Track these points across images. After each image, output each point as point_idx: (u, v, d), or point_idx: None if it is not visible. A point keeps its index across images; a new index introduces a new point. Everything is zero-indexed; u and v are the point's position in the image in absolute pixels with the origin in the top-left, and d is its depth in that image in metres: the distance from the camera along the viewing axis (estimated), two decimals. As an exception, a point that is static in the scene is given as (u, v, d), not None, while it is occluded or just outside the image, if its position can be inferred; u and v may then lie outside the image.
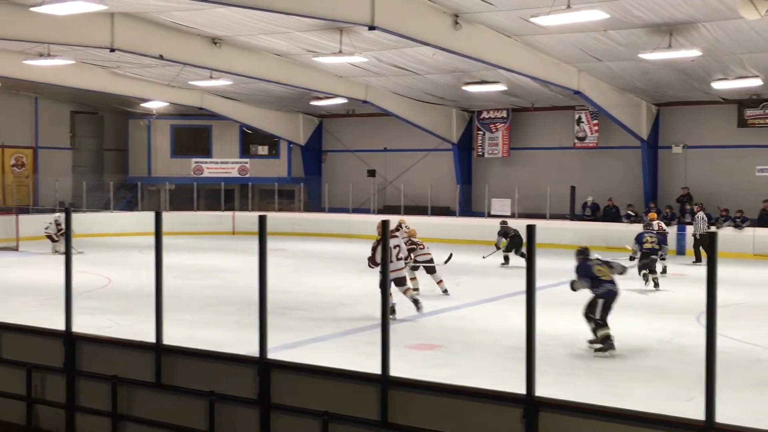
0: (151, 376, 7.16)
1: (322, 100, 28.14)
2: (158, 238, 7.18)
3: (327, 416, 6.22)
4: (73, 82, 25.57)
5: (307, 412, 6.35)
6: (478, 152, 30.47)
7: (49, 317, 9.59)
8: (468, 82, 24.19)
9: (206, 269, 19.59)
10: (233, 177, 33.90)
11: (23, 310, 12.22)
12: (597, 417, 5.34)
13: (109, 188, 31.40)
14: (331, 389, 6.36)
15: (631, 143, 26.75)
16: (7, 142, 31.30)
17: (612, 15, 15.92)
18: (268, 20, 18.41)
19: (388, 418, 6.04)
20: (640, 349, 11.14)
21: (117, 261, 21.40)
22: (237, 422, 6.72)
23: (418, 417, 5.95)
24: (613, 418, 5.29)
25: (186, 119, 33.65)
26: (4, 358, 8.13)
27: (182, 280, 16.69)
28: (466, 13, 17.21)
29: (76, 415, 7.60)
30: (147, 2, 17.67)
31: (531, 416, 5.49)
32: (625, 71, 22.15)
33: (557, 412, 5.47)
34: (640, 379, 9.59)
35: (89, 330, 8.21)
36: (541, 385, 5.63)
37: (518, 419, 5.53)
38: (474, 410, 5.77)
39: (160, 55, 20.33)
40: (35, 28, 17.98)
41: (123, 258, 22.19)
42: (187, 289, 15.69)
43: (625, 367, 10.09)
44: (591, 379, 9.43)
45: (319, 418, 6.24)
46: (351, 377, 6.38)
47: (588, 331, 11.05)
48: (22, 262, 20.91)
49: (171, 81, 26.29)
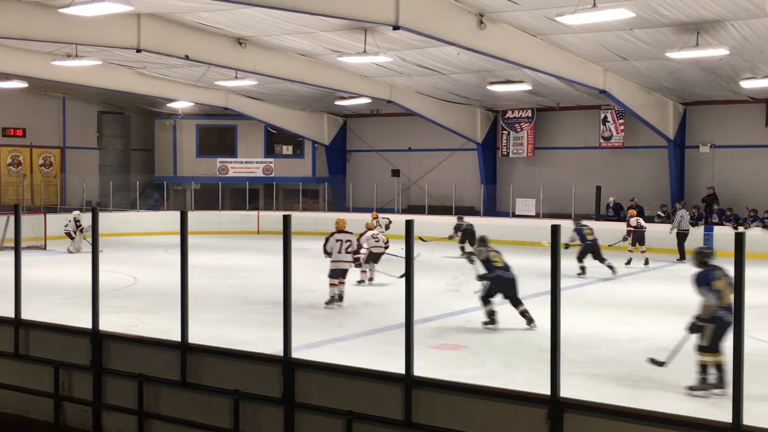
0: (177, 374, 7.21)
1: (347, 99, 28.17)
2: (184, 237, 7.23)
3: (351, 415, 6.23)
4: (100, 83, 25.80)
5: (331, 411, 6.36)
6: (502, 152, 30.37)
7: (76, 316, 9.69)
8: (493, 82, 24.11)
9: (231, 268, 19.68)
10: (258, 177, 34.03)
11: (51, 309, 12.35)
12: (622, 418, 5.31)
13: (136, 188, 31.65)
14: (355, 389, 6.37)
15: (658, 143, 26.54)
16: (36, 142, 31.65)
17: (638, 14, 15.79)
18: (293, 20, 18.46)
19: (411, 418, 6.04)
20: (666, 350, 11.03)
21: (143, 260, 21.55)
22: (261, 421, 6.75)
23: (442, 417, 5.95)
24: (638, 419, 5.26)
25: (211, 119, 33.83)
26: (32, 355, 8.22)
27: (207, 280, 16.78)
28: (491, 13, 17.16)
29: (102, 412, 7.67)
30: (173, 3, 17.78)
31: (556, 417, 5.47)
32: (652, 70, 21.97)
33: (582, 413, 5.45)
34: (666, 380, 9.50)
35: (115, 328, 8.29)
36: (566, 386, 5.61)
37: (543, 420, 5.51)
38: (498, 411, 5.76)
39: (185, 55, 20.44)
40: (63, 30, 18.15)
41: (149, 257, 22.34)
42: (212, 289, 15.77)
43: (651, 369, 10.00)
44: (617, 380, 9.36)
45: (343, 417, 6.25)
46: (375, 377, 6.39)
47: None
48: (50, 261, 21.12)
49: (196, 81, 26.44)
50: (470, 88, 25.80)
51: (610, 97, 23.33)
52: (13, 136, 30.94)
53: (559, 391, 5.51)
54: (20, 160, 31.28)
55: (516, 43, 18.66)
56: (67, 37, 18.90)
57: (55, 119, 32.27)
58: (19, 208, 8.81)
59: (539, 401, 5.59)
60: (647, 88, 24.32)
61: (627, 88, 23.58)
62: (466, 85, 25.37)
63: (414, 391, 6.07)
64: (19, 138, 31.13)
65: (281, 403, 6.61)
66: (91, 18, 16.47)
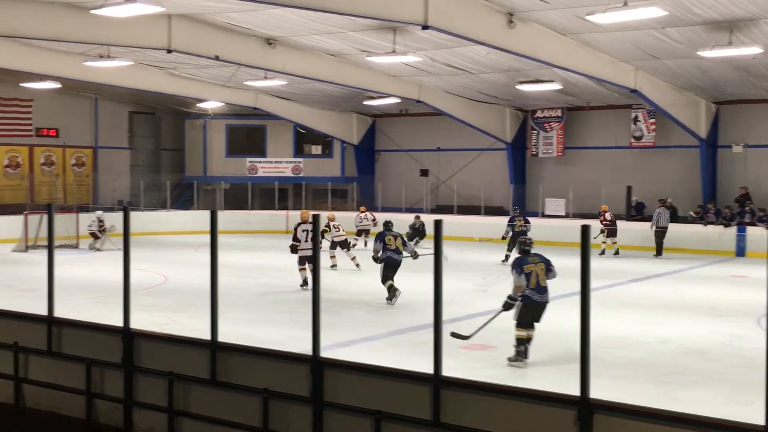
0: (207, 372, 7.26)
1: (376, 99, 28.19)
2: (213, 236, 7.28)
3: (379, 415, 6.24)
4: (132, 83, 26.06)
5: (359, 410, 6.37)
6: (532, 152, 30.23)
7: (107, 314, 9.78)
8: (522, 81, 24.00)
9: (260, 268, 19.77)
10: (287, 176, 34.16)
11: (83, 307, 12.48)
12: (653, 420, 5.27)
13: (166, 187, 31.91)
14: (383, 388, 6.37)
15: (690, 142, 26.27)
16: (68, 141, 32.01)
17: (670, 12, 15.65)
18: (322, 20, 18.51)
19: (440, 418, 6.04)
20: (698, 352, 10.93)
21: (173, 259, 21.72)
22: (290, 419, 6.78)
23: (470, 417, 5.94)
24: (669, 421, 5.21)
25: (241, 119, 34.02)
26: (65, 353, 8.31)
27: (237, 279, 16.88)
28: (520, 12, 17.08)
29: (133, 409, 7.74)
30: (203, 4, 17.90)
31: (585, 418, 5.43)
32: (684, 69, 21.75)
33: (612, 415, 5.41)
34: (697, 382, 9.41)
35: (146, 327, 8.35)
36: (596, 387, 5.57)
37: (572, 421, 5.48)
38: (527, 412, 5.73)
39: (216, 55, 20.58)
40: (95, 31, 18.35)
41: (179, 256, 22.51)
42: (241, 288, 15.86)
43: (682, 370, 9.91)
44: (647, 382, 9.28)
45: (372, 416, 6.25)
46: (403, 376, 6.38)
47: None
48: (82, 260, 21.35)
49: (226, 81, 26.61)
50: (499, 87, 25.71)
51: (641, 97, 23.13)
52: (46, 136, 31.33)
53: (589, 392, 5.47)
54: (53, 160, 31.67)
55: (546, 42, 18.56)
56: (99, 38, 19.11)
57: (87, 119, 32.62)
58: (52, 207, 8.91)
59: (569, 402, 5.56)
60: (679, 87, 24.08)
61: (658, 87, 23.37)
62: (496, 84, 25.28)
63: (442, 391, 6.06)
64: (52, 138, 31.51)
65: (310, 402, 6.62)
66: (123, 19, 16.64)
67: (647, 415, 5.32)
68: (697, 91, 24.68)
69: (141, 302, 12.32)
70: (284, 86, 26.76)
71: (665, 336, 11.84)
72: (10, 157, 30.38)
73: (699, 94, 25.06)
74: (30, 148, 30.94)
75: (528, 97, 27.19)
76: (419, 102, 26.72)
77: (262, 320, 12.72)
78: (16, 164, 30.60)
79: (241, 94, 29.15)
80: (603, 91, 25.16)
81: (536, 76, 23.54)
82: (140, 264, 17.36)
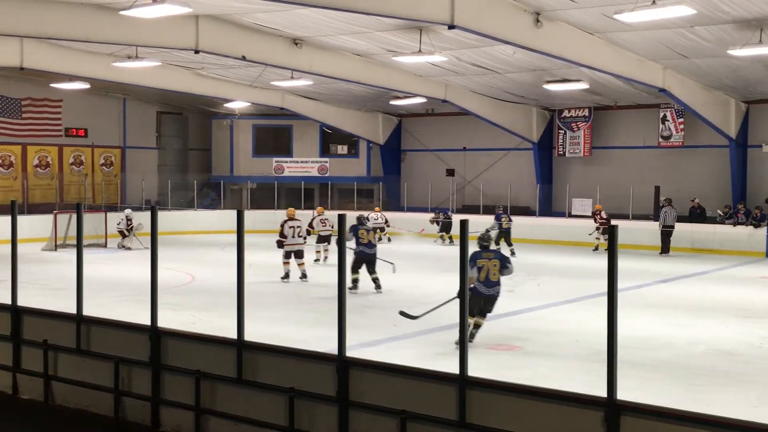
0: (233, 371, 7.29)
1: (402, 99, 28.18)
2: (240, 236, 7.31)
3: (405, 415, 6.23)
4: (159, 84, 26.26)
5: (385, 410, 6.37)
6: (558, 151, 30.08)
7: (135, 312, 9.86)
8: (549, 81, 23.89)
9: (286, 267, 19.79)
10: (313, 176, 34.26)
11: (111, 305, 12.59)
12: (681, 422, 5.21)
13: (193, 187, 32.12)
14: (409, 388, 6.36)
15: (719, 142, 26.01)
16: (97, 141, 32.33)
17: (699, 11, 15.49)
18: (349, 20, 18.54)
19: (466, 418, 6.02)
20: (727, 354, 10.82)
21: (200, 258, 21.85)
22: (316, 419, 6.79)
23: (496, 418, 5.91)
24: (697, 423, 5.16)
25: (267, 119, 34.16)
26: (93, 351, 8.39)
27: (263, 278, 16.94)
28: (547, 11, 17.00)
29: (161, 408, 7.79)
30: (230, 4, 17.99)
31: (612, 420, 5.39)
32: (713, 68, 21.54)
33: (639, 417, 5.36)
34: (726, 384, 9.32)
35: (173, 325, 8.40)
36: (623, 389, 5.53)
37: (599, 423, 5.44)
38: (553, 413, 5.70)
39: (242, 56, 20.68)
40: (124, 32, 18.52)
41: (206, 255, 22.65)
42: (267, 287, 15.92)
43: (711, 372, 9.82)
44: (675, 383, 9.20)
45: (397, 416, 6.25)
46: (429, 376, 6.37)
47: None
48: (110, 258, 21.54)
49: (253, 81, 26.73)
50: (526, 87, 25.60)
51: (670, 96, 22.92)
52: (75, 136, 31.66)
53: (616, 393, 5.43)
54: (82, 160, 31.99)
55: (573, 41, 18.46)
56: (127, 39, 19.29)
57: (115, 120, 32.93)
58: (81, 206, 8.99)
59: (595, 403, 5.52)
60: (708, 86, 23.84)
61: (687, 86, 23.15)
62: (522, 84, 25.18)
63: (468, 391, 6.04)
64: (81, 138, 31.84)
65: (335, 402, 6.63)
66: (151, 20, 16.77)
67: (675, 417, 5.26)
68: (727, 90, 24.42)
69: (168, 301, 12.41)
70: (310, 86, 26.84)
71: (694, 337, 11.73)
72: (40, 156, 30.74)
73: (728, 93, 24.80)
74: (59, 148, 31.28)
75: (555, 97, 27.06)
76: (445, 102, 26.68)
77: (288, 319, 12.76)
78: (46, 164, 30.95)
79: (267, 94, 29.28)
80: (631, 90, 24.98)
81: (563, 76, 23.41)
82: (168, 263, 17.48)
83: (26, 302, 9.29)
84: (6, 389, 9.02)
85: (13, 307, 9.07)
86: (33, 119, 30.31)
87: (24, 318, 9.03)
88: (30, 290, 13.63)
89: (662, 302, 15.07)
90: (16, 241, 9.09)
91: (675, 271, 19.66)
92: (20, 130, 30.03)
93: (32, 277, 16.20)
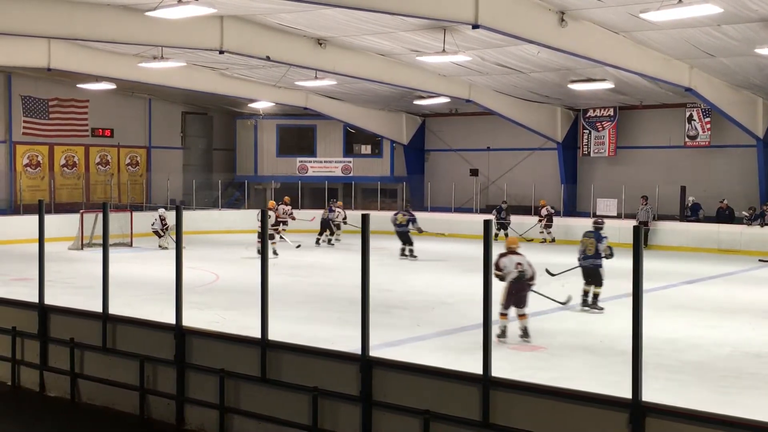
0: (257, 370, 7.32)
1: (425, 99, 28.15)
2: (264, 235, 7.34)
3: (428, 415, 6.23)
4: (185, 84, 26.43)
5: (408, 410, 6.37)
6: (583, 151, 29.91)
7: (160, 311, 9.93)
8: (574, 80, 23.76)
9: (310, 267, 19.89)
10: (337, 176, 34.31)
11: (137, 304, 12.69)
12: (707, 424, 5.17)
13: (218, 187, 32.28)
14: (432, 388, 6.36)
15: (746, 142, 25.73)
16: (123, 141, 32.59)
17: (726, 9, 15.35)
18: (373, 20, 18.55)
19: (489, 419, 6.00)
20: (754, 356, 10.71)
21: (224, 257, 21.95)
22: (339, 418, 6.80)
23: (519, 418, 5.90)
24: (724, 425, 5.11)
25: (291, 119, 34.27)
26: (119, 349, 8.46)
27: (287, 277, 17.00)
28: (572, 10, 16.91)
29: (185, 406, 7.84)
30: (255, 5, 18.06)
31: (637, 422, 5.36)
32: (740, 67, 21.33)
33: (665, 418, 5.33)
34: (754, 387, 9.23)
35: (197, 324, 8.46)
36: (648, 390, 5.49)
37: (624, 424, 5.41)
38: (578, 414, 5.68)
39: (267, 56, 20.75)
40: (149, 32, 18.66)
41: (230, 255, 22.75)
42: (291, 286, 15.97)
43: (737, 374, 9.73)
44: (701, 385, 9.13)
45: (421, 416, 6.25)
46: (453, 377, 6.37)
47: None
48: (136, 258, 21.70)
49: (277, 81, 26.82)
50: (550, 86, 25.49)
51: (696, 95, 22.73)
52: (101, 136, 31.94)
53: (641, 394, 5.40)
54: (108, 160, 32.27)
55: (598, 40, 18.35)
56: (153, 40, 19.43)
57: (141, 120, 33.18)
58: (107, 206, 9.07)
59: (620, 405, 5.49)
60: (735, 85, 23.61)
61: (714, 85, 22.94)
62: (546, 83, 25.07)
63: (492, 391, 6.03)
64: (107, 138, 32.12)
65: (359, 401, 6.64)
66: (176, 21, 16.89)
67: (701, 419, 5.22)
68: (754, 89, 24.16)
69: (193, 300, 12.49)
70: (334, 86, 26.88)
71: (720, 339, 11.63)
72: (66, 156, 31.04)
73: (756, 92, 24.53)
74: (86, 147, 31.57)
75: (580, 96, 26.91)
76: (469, 101, 26.62)
77: (312, 319, 12.80)
78: (73, 164, 31.25)
79: (291, 94, 29.37)
80: (656, 89, 24.79)
81: (588, 75, 23.28)
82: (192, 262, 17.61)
83: (53, 301, 9.39)
84: (33, 386, 9.12)
85: (41, 306, 9.17)
86: (60, 119, 30.62)
87: (51, 316, 9.13)
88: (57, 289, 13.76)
89: (688, 303, 14.95)
90: (43, 240, 9.20)
91: (701, 272, 19.49)
92: (47, 131, 30.35)
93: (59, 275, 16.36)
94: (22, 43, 21.63)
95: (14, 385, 9.26)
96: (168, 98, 32.56)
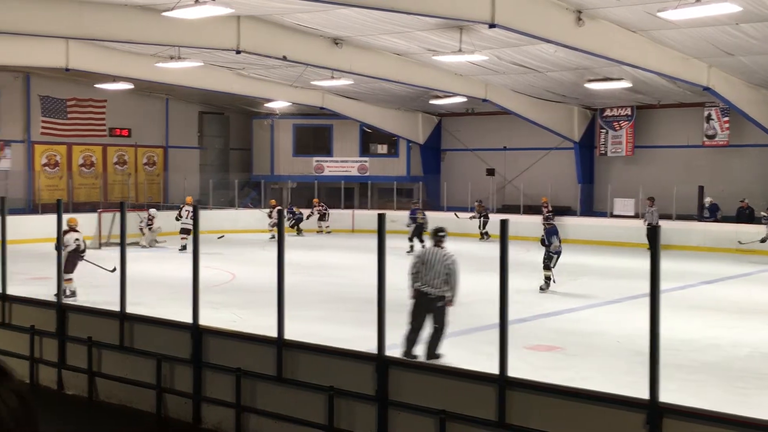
0: (273, 369, 7.33)
1: (442, 98, 28.13)
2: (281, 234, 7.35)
3: (444, 414, 6.22)
4: (202, 84, 26.54)
5: (424, 410, 6.36)
6: (600, 151, 29.79)
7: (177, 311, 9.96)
8: (591, 80, 23.66)
9: (326, 266, 19.91)
10: (353, 176, 34.32)
11: (154, 303, 12.74)
12: (725, 425, 5.14)
13: (234, 186, 32.36)
14: (448, 388, 6.35)
15: (765, 141, 25.53)
16: (140, 141, 32.75)
17: (745, 8, 15.23)
18: (389, 20, 18.55)
19: (505, 419, 5.99)
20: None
21: (240, 257, 22.01)
22: (355, 417, 6.81)
23: (536, 418, 5.88)
24: (742, 426, 5.08)
25: (308, 119, 34.31)
26: (136, 348, 8.50)
27: (303, 277, 17.01)
28: (589, 9, 16.84)
29: (202, 405, 7.87)
30: (272, 5, 18.10)
31: (655, 422, 5.33)
32: (759, 65, 21.16)
33: (682, 419, 5.30)
34: (772, 388, 9.16)
35: (214, 323, 8.49)
36: (666, 391, 5.46)
37: (641, 425, 5.38)
38: (594, 414, 5.65)
39: (283, 56, 20.79)
40: (167, 32, 18.75)
41: (246, 254, 22.81)
42: (307, 286, 15.99)
43: (755, 375, 9.66)
44: (719, 386, 9.06)
45: (437, 416, 6.24)
46: (469, 377, 6.36)
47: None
48: (153, 257, 21.81)
49: (294, 81, 26.87)
50: (567, 85, 25.39)
51: (715, 94, 22.58)
52: (119, 136, 32.11)
53: (659, 395, 5.37)
54: (125, 159, 32.43)
55: (615, 39, 18.26)
56: (170, 40, 19.52)
57: (158, 119, 33.32)
58: (124, 205, 9.12)
59: (637, 405, 5.46)
60: (754, 84, 23.43)
61: (732, 84, 22.78)
62: (563, 83, 24.98)
63: (508, 391, 6.02)
64: (124, 138, 32.28)
65: (375, 401, 6.64)
66: (193, 21, 16.95)
67: (719, 420, 5.19)
68: (773, 88, 24.00)
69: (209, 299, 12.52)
70: (350, 86, 26.90)
71: (738, 339, 11.55)
72: (84, 156, 31.22)
73: (775, 91, 24.36)
74: (103, 147, 31.74)
75: (597, 96, 26.80)
76: (485, 101, 26.56)
77: (328, 318, 12.81)
78: (91, 163, 31.42)
79: (308, 94, 29.41)
80: (674, 88, 24.65)
81: (605, 74, 23.18)
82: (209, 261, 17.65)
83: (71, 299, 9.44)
84: (51, 385, 9.19)
85: (59, 305, 9.23)
86: (78, 119, 30.80)
87: (69, 315, 9.19)
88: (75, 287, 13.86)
89: (706, 304, 14.85)
90: (61, 240, 9.26)
91: (719, 273, 19.37)
92: (65, 130, 30.54)
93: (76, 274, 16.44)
94: (40, 44, 21.78)
95: (32, 383, 9.33)
96: (185, 98, 32.69)
